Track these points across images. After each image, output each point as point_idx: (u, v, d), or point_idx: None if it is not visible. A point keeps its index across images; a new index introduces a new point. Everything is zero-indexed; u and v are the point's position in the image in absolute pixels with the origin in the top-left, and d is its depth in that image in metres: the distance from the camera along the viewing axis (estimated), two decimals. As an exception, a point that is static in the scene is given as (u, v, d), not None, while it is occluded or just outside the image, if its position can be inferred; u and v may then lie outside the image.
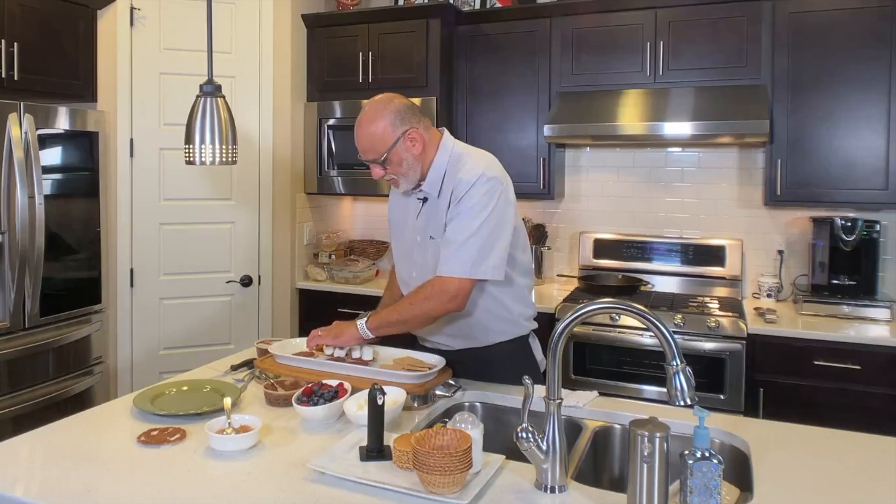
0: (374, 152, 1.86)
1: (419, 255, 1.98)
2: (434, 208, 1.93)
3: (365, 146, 1.87)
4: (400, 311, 1.88)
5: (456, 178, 1.87)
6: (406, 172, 1.89)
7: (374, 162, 1.87)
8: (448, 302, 1.82)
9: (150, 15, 3.29)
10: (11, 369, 2.83)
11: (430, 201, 1.95)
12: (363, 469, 1.37)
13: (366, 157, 1.88)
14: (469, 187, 1.84)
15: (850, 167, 2.94)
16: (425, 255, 1.96)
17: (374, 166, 1.89)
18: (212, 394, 1.80)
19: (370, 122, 1.85)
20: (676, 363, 1.26)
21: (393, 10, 3.67)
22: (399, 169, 1.88)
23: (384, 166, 1.87)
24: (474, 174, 1.85)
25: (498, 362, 1.99)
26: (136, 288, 3.35)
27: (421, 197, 1.97)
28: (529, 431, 1.32)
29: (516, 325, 2.03)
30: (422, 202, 1.97)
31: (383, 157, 1.85)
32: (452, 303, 1.83)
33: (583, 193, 3.72)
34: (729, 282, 3.35)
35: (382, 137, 1.84)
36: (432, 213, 1.94)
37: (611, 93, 3.26)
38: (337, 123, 3.69)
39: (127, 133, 3.29)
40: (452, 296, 1.82)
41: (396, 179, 1.91)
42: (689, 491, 1.19)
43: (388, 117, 1.84)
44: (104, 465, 1.41)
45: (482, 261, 1.82)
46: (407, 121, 1.86)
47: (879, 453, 1.51)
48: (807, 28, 2.98)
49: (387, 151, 1.84)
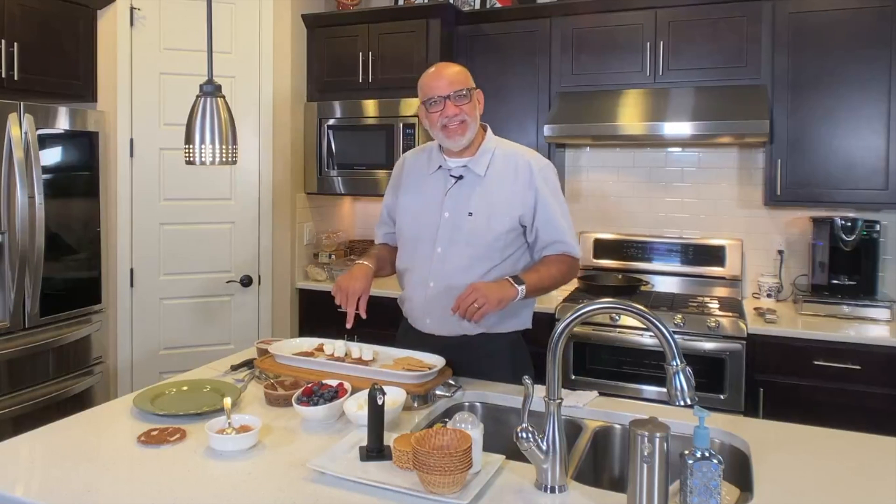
0: (463, 83, 1.93)
1: (446, 231, 1.99)
2: (474, 187, 1.99)
3: (451, 78, 1.93)
4: (551, 279, 1.97)
5: (526, 162, 1.99)
6: (473, 122, 1.96)
7: (459, 95, 1.91)
8: (574, 274, 2.08)
9: (150, 15, 3.29)
10: (11, 369, 2.83)
11: (469, 180, 2.00)
12: (363, 469, 1.37)
13: (453, 87, 1.91)
14: (551, 170, 2.04)
15: (850, 167, 2.94)
16: (456, 230, 1.98)
17: (453, 102, 1.91)
18: (212, 394, 1.80)
19: (457, 65, 1.98)
20: (676, 363, 1.26)
21: (393, 10, 3.67)
22: (473, 112, 1.95)
23: (462, 103, 1.92)
24: (544, 160, 2.04)
25: (494, 355, 2.01)
26: (136, 288, 3.35)
27: (455, 175, 2.00)
28: (529, 431, 1.32)
29: (518, 318, 2.07)
30: (455, 180, 2.00)
31: (469, 90, 1.93)
32: (575, 275, 2.11)
33: (583, 193, 3.72)
34: (729, 282, 3.35)
35: (468, 76, 1.96)
36: (471, 191, 1.99)
37: (611, 93, 3.26)
38: (337, 123, 3.69)
39: (127, 133, 3.29)
40: (578, 268, 2.08)
41: (466, 122, 1.94)
42: (689, 491, 1.19)
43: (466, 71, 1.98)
44: (104, 465, 1.41)
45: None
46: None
47: (879, 453, 1.51)
48: (807, 28, 2.98)
49: (472, 89, 1.94)
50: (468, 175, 1.99)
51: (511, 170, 1.98)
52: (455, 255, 1.98)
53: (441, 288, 1.98)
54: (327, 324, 2.70)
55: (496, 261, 1.99)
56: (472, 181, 1.99)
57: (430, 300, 2.01)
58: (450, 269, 1.98)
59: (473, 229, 1.96)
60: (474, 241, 1.97)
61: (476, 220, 1.96)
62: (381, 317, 2.05)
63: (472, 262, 1.97)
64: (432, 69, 1.97)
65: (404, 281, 2.12)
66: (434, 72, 1.96)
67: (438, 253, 2.00)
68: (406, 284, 2.11)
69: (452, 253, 1.98)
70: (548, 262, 1.99)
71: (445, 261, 1.99)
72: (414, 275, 2.06)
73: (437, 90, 1.92)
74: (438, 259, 1.99)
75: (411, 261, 2.07)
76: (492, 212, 1.96)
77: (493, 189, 1.97)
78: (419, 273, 2.04)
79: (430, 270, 2.01)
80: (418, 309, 2.06)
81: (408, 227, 2.09)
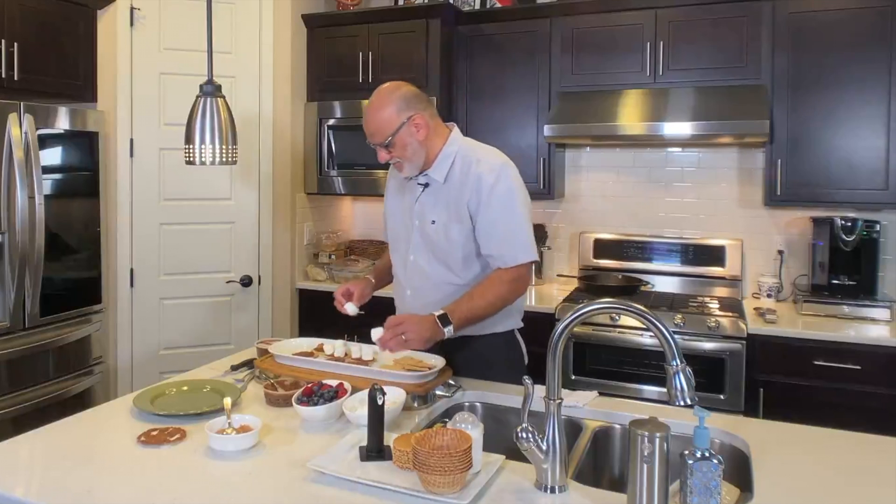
0: (380, 135, 1.91)
1: (416, 237, 2.04)
2: (437, 194, 1.99)
3: (371, 129, 1.93)
4: (481, 305, 1.88)
5: (475, 169, 1.93)
6: (410, 157, 1.94)
7: (380, 145, 1.93)
8: (522, 287, 1.95)
9: (150, 15, 3.29)
10: (11, 369, 2.83)
11: (433, 187, 2.00)
12: (363, 469, 1.37)
13: (372, 140, 1.94)
14: (497, 177, 1.91)
15: (850, 167, 2.94)
16: (422, 237, 2.02)
17: (380, 149, 1.94)
18: (212, 394, 1.80)
19: (377, 108, 1.92)
20: (676, 363, 1.26)
21: (393, 10, 3.67)
22: (403, 153, 1.93)
23: (388, 149, 1.93)
24: (498, 163, 1.95)
25: (490, 353, 2.03)
26: (136, 288, 3.35)
27: (422, 182, 2.01)
28: (529, 431, 1.32)
29: (513, 317, 2.08)
30: (422, 187, 2.02)
31: (387, 140, 1.91)
32: (524, 286, 1.97)
33: (583, 193, 3.72)
34: (729, 282, 3.35)
35: (388, 121, 1.90)
36: (435, 198, 2.00)
37: (611, 93, 3.26)
38: (337, 123, 3.69)
39: (127, 133, 3.29)
40: (525, 281, 1.96)
41: (401, 163, 1.96)
42: (689, 491, 1.19)
43: (396, 102, 1.91)
44: (104, 465, 1.41)
45: (531, 243, 1.94)
46: (412, 107, 1.92)
47: (879, 453, 1.50)
48: (807, 28, 2.98)
49: (391, 135, 1.90)
50: (432, 183, 2.01)
51: (466, 175, 1.94)
52: (425, 264, 2.02)
53: (416, 296, 2.04)
54: (327, 324, 2.70)
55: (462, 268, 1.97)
56: (435, 188, 2.00)
57: (409, 308, 2.05)
58: (422, 277, 2.03)
59: (436, 238, 1.99)
60: (438, 250, 1.99)
61: (437, 227, 1.99)
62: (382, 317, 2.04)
63: (437, 269, 1.99)
64: (366, 104, 1.96)
65: (393, 285, 2.19)
66: (365, 112, 1.96)
67: (412, 260, 2.05)
68: (394, 290, 2.18)
69: (423, 261, 2.03)
70: (484, 287, 1.91)
71: (417, 269, 2.04)
72: (397, 281, 2.13)
73: (367, 136, 1.96)
74: (412, 267, 2.05)
75: (395, 267, 2.14)
76: (449, 220, 1.96)
77: (451, 196, 1.96)
78: (399, 279, 2.11)
79: (406, 278, 2.08)
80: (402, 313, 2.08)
81: (391, 233, 2.16)
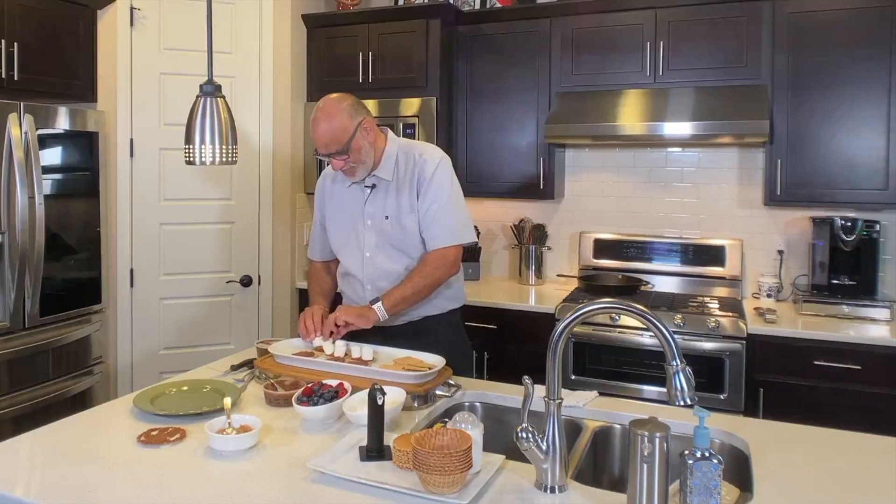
0: (338, 143, 1.99)
1: (372, 236, 2.16)
2: (386, 192, 2.14)
3: (327, 139, 1.99)
4: (412, 285, 2.05)
5: (418, 161, 2.12)
6: (364, 160, 2.06)
7: (337, 153, 2.00)
8: (451, 267, 2.11)
9: (150, 15, 3.29)
10: (11, 369, 2.83)
11: (381, 187, 2.14)
12: (363, 469, 1.37)
13: (328, 150, 2.00)
14: (437, 166, 2.11)
15: (850, 167, 2.94)
16: (380, 233, 2.15)
17: (335, 159, 2.03)
18: (212, 394, 1.81)
19: (329, 118, 1.99)
20: (676, 363, 1.26)
21: (393, 10, 3.67)
22: (359, 157, 2.04)
23: (347, 155, 2.01)
24: (437, 155, 2.15)
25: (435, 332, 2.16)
26: (136, 288, 3.35)
27: (369, 184, 2.14)
28: (529, 431, 1.32)
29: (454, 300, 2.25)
30: (370, 189, 2.15)
31: (346, 146, 1.99)
32: (454, 267, 2.13)
33: (583, 193, 3.72)
34: (729, 282, 3.35)
35: (343, 128, 1.99)
36: (385, 196, 2.14)
37: (611, 93, 3.26)
38: (337, 123, 3.69)
39: (127, 133, 3.29)
40: (453, 261, 2.12)
41: (355, 168, 2.06)
42: (689, 491, 1.19)
43: (346, 110, 2.01)
44: (104, 465, 1.41)
45: (466, 226, 2.16)
46: (360, 112, 2.05)
47: (879, 453, 1.51)
48: (807, 28, 2.98)
49: (348, 141, 1.99)
50: (380, 183, 2.14)
51: (410, 167, 2.13)
52: (381, 257, 2.15)
53: (375, 288, 2.15)
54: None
55: (418, 254, 2.15)
56: (383, 187, 2.14)
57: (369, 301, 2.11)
58: (380, 269, 2.15)
59: (392, 231, 2.13)
60: (395, 241, 2.14)
61: (392, 221, 2.13)
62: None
63: (398, 258, 2.15)
64: (313, 116, 2.02)
65: (344, 285, 2.29)
66: (312, 124, 2.02)
67: (367, 257, 2.17)
68: (345, 290, 2.29)
69: (379, 255, 2.15)
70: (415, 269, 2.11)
71: (375, 263, 2.16)
72: (352, 280, 2.22)
73: (319, 149, 2.03)
74: (368, 263, 2.17)
75: (346, 268, 2.23)
76: (400, 212, 2.12)
77: (399, 189, 2.13)
78: (356, 279, 2.21)
79: (363, 274, 2.18)
80: None
81: (337, 239, 2.25)
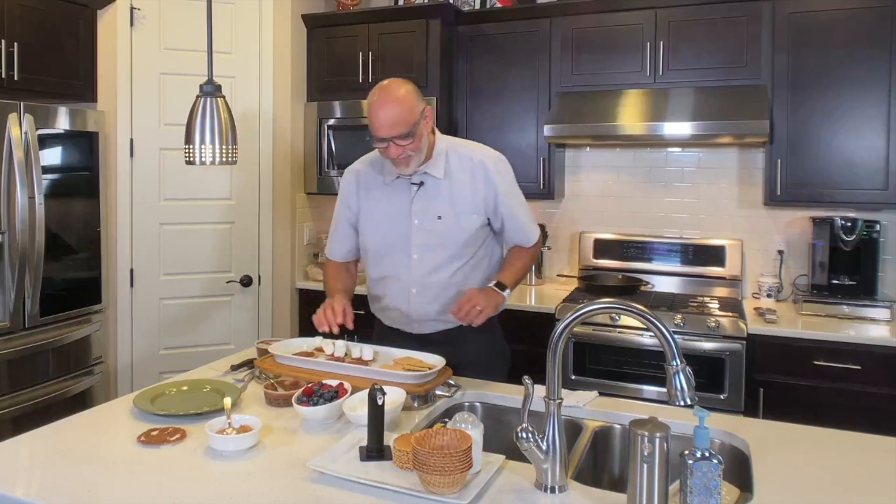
0: (405, 125, 1.85)
1: (420, 237, 2.02)
2: (437, 189, 2.01)
3: (393, 120, 1.84)
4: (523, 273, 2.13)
5: (480, 162, 2.03)
6: (422, 148, 1.94)
7: (401, 136, 1.85)
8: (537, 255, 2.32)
9: (150, 15, 3.29)
10: (11, 369, 2.83)
11: (430, 185, 2.02)
12: (363, 469, 1.37)
13: (392, 132, 1.85)
14: (504, 164, 2.08)
15: (850, 167, 2.94)
16: (430, 234, 2.02)
17: (395, 144, 1.87)
18: (212, 394, 1.80)
19: (398, 99, 1.85)
20: (676, 363, 1.26)
21: (393, 10, 3.67)
22: (420, 144, 1.91)
23: (411, 140, 1.87)
24: (497, 154, 2.09)
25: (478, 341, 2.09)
26: (136, 288, 3.35)
27: (416, 182, 2.02)
28: (529, 431, 1.32)
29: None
30: (417, 187, 2.02)
31: (413, 128, 1.86)
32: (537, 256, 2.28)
33: (583, 193, 3.72)
34: (729, 282, 3.35)
35: (411, 110, 1.86)
36: (436, 195, 2.01)
37: (611, 93, 3.26)
38: (337, 123, 3.69)
39: (127, 133, 3.29)
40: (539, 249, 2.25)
41: (411, 157, 1.92)
42: (689, 491, 1.19)
43: (413, 92, 1.90)
44: (104, 465, 1.41)
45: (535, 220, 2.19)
46: (422, 99, 1.94)
47: (879, 453, 1.51)
48: (807, 28, 2.98)
49: (415, 123, 1.87)
50: (428, 180, 2.02)
51: (468, 169, 2.03)
52: (431, 259, 2.03)
53: (423, 291, 2.05)
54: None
55: (470, 255, 2.07)
56: (433, 185, 2.02)
57: (415, 305, 2.07)
58: (428, 272, 2.04)
59: (445, 231, 2.02)
60: (448, 241, 2.03)
61: (446, 221, 2.01)
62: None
63: (449, 261, 2.04)
64: (375, 97, 1.88)
65: (381, 289, 2.14)
66: (376, 105, 1.87)
67: (415, 259, 2.04)
68: (384, 293, 2.13)
69: (428, 257, 2.03)
70: (516, 257, 2.13)
71: (423, 265, 2.04)
72: (393, 284, 2.09)
73: (378, 131, 1.87)
74: (416, 265, 2.04)
75: (388, 270, 2.09)
76: (459, 211, 2.02)
77: (456, 189, 2.02)
78: (399, 282, 2.07)
79: (410, 277, 2.05)
80: (404, 316, 2.10)
81: (378, 240, 2.10)
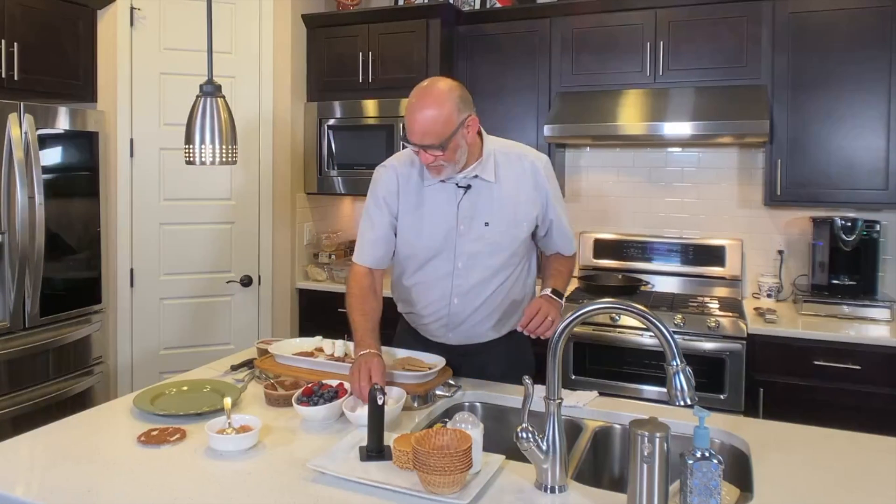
0: (437, 136, 1.73)
1: (465, 244, 1.89)
2: (488, 193, 1.88)
3: (426, 128, 1.73)
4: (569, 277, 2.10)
5: (529, 165, 1.93)
6: (457, 159, 1.80)
7: (431, 147, 1.74)
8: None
9: (150, 15, 3.29)
10: (11, 369, 2.83)
11: (477, 188, 1.88)
12: (363, 469, 1.37)
13: (423, 140, 1.74)
14: (550, 167, 1.98)
15: (850, 167, 2.94)
16: (477, 241, 1.89)
17: (427, 152, 1.76)
18: (212, 394, 1.80)
19: (438, 105, 1.73)
20: (676, 363, 1.26)
21: (393, 10, 3.67)
22: (453, 156, 1.78)
23: (441, 152, 1.75)
24: (543, 155, 1.99)
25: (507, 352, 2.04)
26: (136, 288, 3.35)
27: (464, 185, 1.88)
28: (529, 431, 1.32)
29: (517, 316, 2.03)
30: (464, 190, 1.88)
31: (445, 142, 1.74)
32: None
33: (583, 193, 3.72)
34: (729, 282, 3.35)
35: (449, 120, 1.73)
36: (485, 198, 1.88)
37: (611, 93, 3.26)
38: (337, 123, 3.69)
39: (127, 133, 3.29)
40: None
41: (443, 167, 1.80)
42: (689, 491, 1.19)
43: (456, 101, 1.75)
44: (104, 465, 1.41)
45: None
46: (468, 107, 1.79)
47: (879, 453, 1.50)
48: (807, 28, 2.98)
49: (450, 137, 1.74)
50: (476, 183, 1.88)
51: (517, 170, 1.90)
52: (477, 268, 1.90)
53: (465, 302, 1.93)
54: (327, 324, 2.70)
55: (516, 264, 1.96)
56: (481, 189, 1.88)
57: (455, 315, 1.95)
58: (473, 282, 1.91)
59: (494, 239, 1.88)
60: (497, 250, 1.90)
61: (494, 228, 1.88)
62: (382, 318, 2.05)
63: (496, 271, 1.92)
64: (414, 99, 1.76)
65: (415, 296, 2.00)
66: (412, 108, 1.75)
67: (459, 268, 1.90)
68: (418, 301, 1.99)
69: (474, 265, 1.90)
70: (562, 264, 2.08)
71: (469, 275, 1.91)
72: (430, 292, 1.96)
73: (410, 136, 1.76)
74: (460, 274, 1.91)
75: (426, 277, 1.96)
76: (510, 218, 1.89)
77: (506, 194, 1.88)
78: (438, 290, 1.94)
79: (451, 286, 1.92)
80: (441, 326, 1.99)
81: (417, 245, 1.93)
